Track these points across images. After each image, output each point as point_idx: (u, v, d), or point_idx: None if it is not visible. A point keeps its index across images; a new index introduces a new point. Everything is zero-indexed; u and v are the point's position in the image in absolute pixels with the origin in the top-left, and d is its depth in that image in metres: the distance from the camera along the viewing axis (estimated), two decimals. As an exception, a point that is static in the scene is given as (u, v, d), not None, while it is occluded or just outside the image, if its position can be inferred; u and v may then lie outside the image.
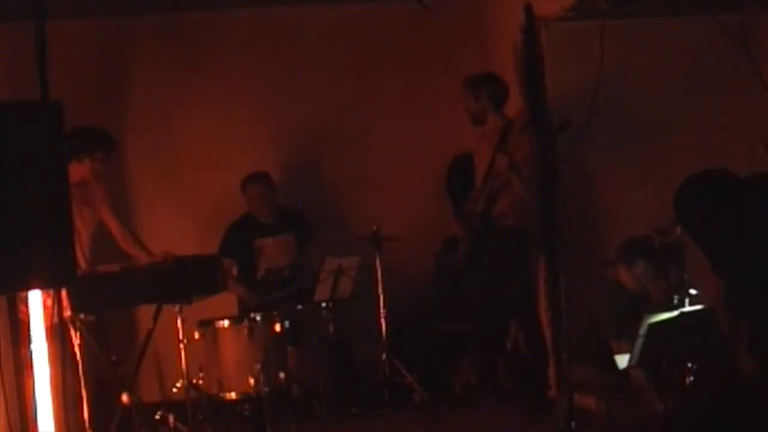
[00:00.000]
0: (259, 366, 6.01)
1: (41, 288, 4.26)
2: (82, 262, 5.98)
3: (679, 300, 5.61)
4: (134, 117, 7.36)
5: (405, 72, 7.60)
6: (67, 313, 5.40)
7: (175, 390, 6.11)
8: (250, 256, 7.04)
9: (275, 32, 7.57)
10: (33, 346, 4.42)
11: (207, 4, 7.30)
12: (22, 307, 4.51)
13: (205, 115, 7.47)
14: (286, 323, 6.29)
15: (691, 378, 5.38)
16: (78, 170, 5.92)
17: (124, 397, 5.86)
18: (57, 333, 4.51)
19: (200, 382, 6.13)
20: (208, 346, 6.16)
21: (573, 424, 5.11)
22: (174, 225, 7.32)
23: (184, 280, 6.03)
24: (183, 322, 5.97)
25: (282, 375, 6.15)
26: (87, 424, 5.47)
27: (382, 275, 6.69)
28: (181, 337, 6.00)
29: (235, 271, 6.96)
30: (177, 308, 5.95)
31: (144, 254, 6.16)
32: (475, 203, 6.47)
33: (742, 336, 5.24)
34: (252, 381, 6.01)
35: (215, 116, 7.48)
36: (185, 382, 5.96)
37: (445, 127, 7.42)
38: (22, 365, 4.24)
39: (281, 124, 7.59)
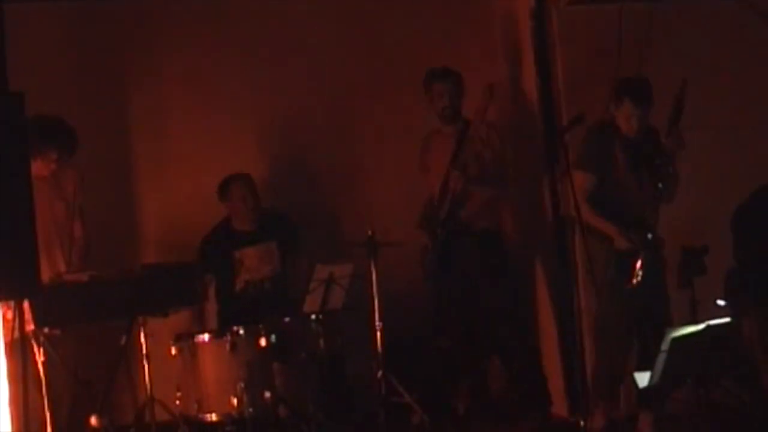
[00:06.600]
0: (242, 384, 5.86)
1: (1, 300, 4.32)
2: (62, 266, 5.82)
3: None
4: (98, 107, 7.09)
5: (400, 64, 7.37)
6: (30, 326, 5.23)
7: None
8: (230, 269, 6.86)
9: (255, 20, 7.33)
10: (-9, 364, 4.38)
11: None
12: (-20, 322, 4.51)
13: (176, 110, 7.24)
14: (272, 337, 6.06)
15: (718, 399, 5.37)
16: (40, 166, 5.67)
17: (93, 420, 5.63)
18: (18, 349, 4.42)
19: (178, 402, 5.99)
20: (186, 363, 6.03)
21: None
22: (141, 229, 7.20)
23: (159, 290, 5.84)
24: (146, 336, 5.83)
25: (267, 394, 5.96)
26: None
27: (377, 284, 6.52)
28: (144, 352, 5.85)
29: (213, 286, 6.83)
30: (140, 320, 5.81)
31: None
32: (438, 209, 6.46)
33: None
34: (235, 401, 5.86)
35: (188, 111, 7.24)
36: (150, 402, 5.80)
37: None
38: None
39: (264, 121, 7.37)
